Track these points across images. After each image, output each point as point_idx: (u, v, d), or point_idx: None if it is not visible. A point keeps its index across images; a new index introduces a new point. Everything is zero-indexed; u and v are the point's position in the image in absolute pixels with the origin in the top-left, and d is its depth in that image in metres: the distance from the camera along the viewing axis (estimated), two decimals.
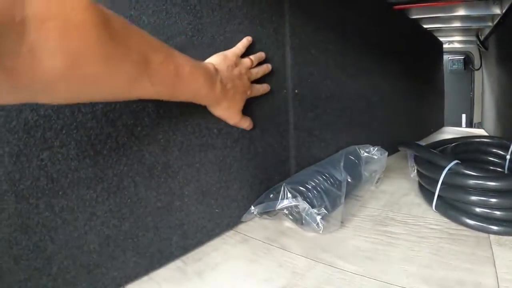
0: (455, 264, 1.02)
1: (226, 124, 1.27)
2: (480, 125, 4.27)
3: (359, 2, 2.02)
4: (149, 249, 1.06)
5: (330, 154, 1.69)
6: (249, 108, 1.33)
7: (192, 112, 1.16)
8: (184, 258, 1.14)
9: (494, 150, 1.71)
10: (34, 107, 0.83)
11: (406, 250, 1.13)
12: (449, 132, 3.44)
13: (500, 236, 1.17)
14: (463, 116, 5.01)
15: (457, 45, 4.45)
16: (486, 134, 3.28)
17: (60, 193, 0.88)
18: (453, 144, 1.73)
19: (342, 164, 1.48)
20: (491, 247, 1.10)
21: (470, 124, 4.82)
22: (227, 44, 1.27)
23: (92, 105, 0.92)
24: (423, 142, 2.10)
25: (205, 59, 1.18)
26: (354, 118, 1.93)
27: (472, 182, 1.25)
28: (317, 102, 1.65)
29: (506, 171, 1.62)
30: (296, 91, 1.54)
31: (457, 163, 1.35)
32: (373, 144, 1.73)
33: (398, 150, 2.14)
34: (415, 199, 1.56)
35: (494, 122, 3.18)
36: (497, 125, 3.01)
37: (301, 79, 1.57)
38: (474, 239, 1.16)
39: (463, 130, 3.86)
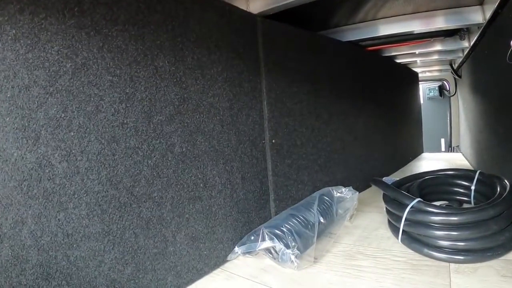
0: None
1: (209, 177, 1.57)
2: (458, 149, 4.59)
3: (331, 50, 2.33)
4: None
5: (307, 194, 1.97)
6: (229, 158, 1.64)
7: (183, 170, 1.48)
8: None
9: (460, 181, 1.97)
10: (51, 177, 1.15)
11: (372, 282, 1.38)
12: (427, 159, 3.74)
13: (460, 265, 1.40)
14: (442, 140, 5.39)
15: (433, 73, 4.83)
16: (463, 158, 3.56)
17: (74, 245, 1.18)
18: (420, 180, 1.98)
19: (315, 206, 1.76)
20: (450, 276, 1.34)
21: (449, 147, 5.18)
22: (210, 109, 1.59)
23: (98, 172, 1.24)
24: (401, 174, 2.38)
25: (191, 124, 1.50)
26: (329, 159, 2.21)
27: (432, 218, 1.51)
28: (293, 149, 1.95)
29: (472, 201, 1.88)
30: (273, 141, 1.84)
31: (419, 201, 1.61)
32: (349, 181, 2.03)
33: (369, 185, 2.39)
34: (386, 232, 1.82)
35: (469, 146, 3.44)
36: (471, 149, 3.27)
37: (278, 130, 1.87)
38: (435, 269, 1.40)
39: (441, 156, 4.14)
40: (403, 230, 1.64)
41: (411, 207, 1.61)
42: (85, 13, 1.20)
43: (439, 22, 2.37)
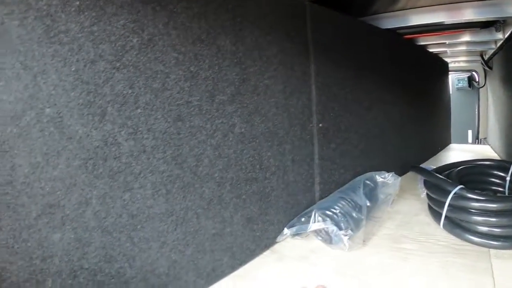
0: (459, 273, 1.17)
1: (264, 158, 1.41)
2: (485, 141, 4.24)
3: (373, 37, 2.15)
4: (205, 270, 1.20)
5: (348, 179, 1.81)
6: (282, 141, 1.48)
7: (241, 151, 1.31)
8: (232, 275, 1.28)
9: (495, 172, 1.81)
10: (117, 156, 0.97)
11: (419, 264, 1.27)
12: (455, 149, 3.47)
13: (498, 250, 1.30)
14: (469, 132, 4.95)
15: (462, 64, 4.39)
16: (491, 151, 3.30)
17: (139, 227, 1.02)
18: (458, 169, 1.82)
19: (361, 189, 1.61)
20: (490, 260, 1.24)
21: (476, 139, 4.71)
22: (266, 91, 1.42)
23: (164, 151, 1.07)
24: (431, 163, 2.22)
25: (249, 105, 1.33)
26: (369, 145, 2.05)
27: (474, 204, 1.38)
28: (337, 133, 1.78)
29: (506, 191, 1.73)
30: (320, 124, 1.67)
31: (461, 187, 1.47)
32: (385, 167, 1.86)
33: (408, 171, 2.23)
34: (425, 218, 1.67)
35: (498, 138, 3.21)
36: (500, 142, 3.05)
37: (324, 114, 1.70)
38: (476, 253, 1.30)
39: (469, 147, 3.82)
40: (445, 216, 1.50)
41: (454, 194, 1.47)
42: None
43: (473, 14, 2.15)
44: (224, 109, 1.24)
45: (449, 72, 4.05)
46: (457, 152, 3.27)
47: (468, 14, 2.12)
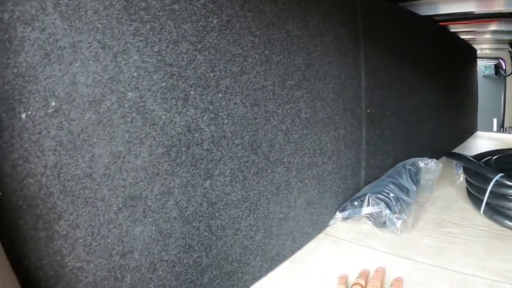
0: (504, 258, 1.06)
1: (323, 143, 1.26)
2: (510, 130, 3.98)
3: (413, 25, 1.96)
4: (270, 254, 1.06)
5: (390, 164, 1.65)
6: (337, 126, 1.32)
7: (306, 136, 1.16)
8: (292, 258, 1.14)
9: None
10: (200, 142, 0.80)
11: (465, 247, 1.16)
12: (482, 137, 3.21)
13: None
14: (495, 120, 4.50)
15: (490, 51, 4.01)
16: None
17: (217, 214, 0.88)
18: (495, 157, 1.66)
19: (407, 174, 1.44)
20: None
21: (501, 127, 4.32)
22: (326, 76, 1.25)
23: (242, 136, 0.92)
24: (461, 150, 2.06)
25: (313, 90, 1.17)
26: (408, 131, 1.88)
27: None
28: (382, 119, 1.62)
29: None
30: (368, 110, 1.50)
31: (502, 175, 1.32)
32: (422, 153, 1.71)
33: (441, 156, 2.06)
34: (464, 204, 1.52)
35: None
36: None
37: (372, 100, 1.53)
38: None
39: (496, 136, 3.50)
40: (486, 202, 1.35)
41: (495, 181, 1.31)
42: None
43: (504, 5, 1.94)
44: (292, 94, 1.08)
45: (477, 59, 3.72)
46: (484, 140, 3.03)
47: (498, 5, 1.94)
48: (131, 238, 0.72)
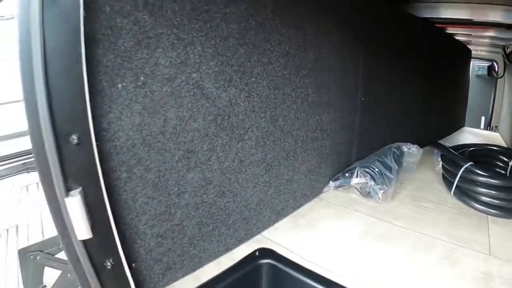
0: (464, 229, 1.37)
1: (324, 123, 1.56)
2: (496, 129, 4.07)
3: (409, 25, 2.22)
4: (277, 208, 1.37)
5: (377, 146, 1.94)
6: (336, 109, 1.62)
7: (310, 115, 1.46)
8: (293, 215, 1.46)
9: (501, 156, 1.95)
10: (237, 114, 1.10)
11: (434, 217, 1.47)
12: (468, 132, 3.50)
13: (495, 217, 1.47)
14: (483, 118, 4.76)
15: (484, 52, 4.12)
16: (500, 139, 3.29)
17: (243, 170, 1.18)
18: (471, 149, 1.96)
19: (391, 156, 1.75)
20: (488, 224, 1.42)
21: (488, 126, 4.56)
22: (330, 68, 1.55)
23: (265, 111, 1.22)
24: (446, 142, 2.34)
25: (319, 79, 1.47)
26: (397, 119, 2.19)
27: (480, 178, 1.54)
28: (373, 107, 1.91)
29: (508, 173, 1.85)
30: (362, 98, 1.80)
31: (471, 164, 1.61)
32: (408, 140, 1.98)
33: (425, 146, 2.26)
34: (439, 186, 1.83)
35: (508, 128, 3.21)
36: (509, 132, 3.08)
37: (366, 89, 1.82)
38: (478, 217, 1.47)
39: (481, 132, 3.76)
40: (456, 185, 1.65)
41: (465, 168, 1.60)
42: None
43: (501, 17, 2.13)
44: (303, 81, 1.37)
45: (471, 59, 3.97)
46: (470, 136, 3.33)
47: (495, 16, 2.14)
48: (185, 182, 1.01)
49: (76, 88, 0.69)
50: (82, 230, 0.71)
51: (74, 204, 0.69)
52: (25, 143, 3.09)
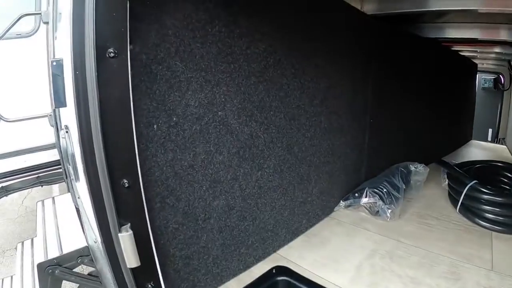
0: (468, 245, 1.46)
1: (335, 147, 1.66)
2: (503, 141, 4.11)
3: (416, 46, 2.31)
4: (292, 228, 1.48)
5: (386, 165, 2.04)
6: (346, 133, 1.72)
7: (323, 141, 1.57)
8: (306, 233, 1.57)
9: (505, 173, 2.03)
10: (257, 145, 1.22)
11: (439, 234, 1.56)
12: (475, 146, 3.53)
13: (499, 234, 1.55)
14: (490, 130, 4.77)
15: (490, 65, 4.20)
16: (507, 152, 3.29)
17: (262, 195, 1.31)
18: (476, 166, 2.05)
19: (399, 175, 1.86)
20: (491, 240, 1.50)
21: (495, 138, 4.59)
22: (341, 94, 1.66)
23: (282, 141, 1.34)
24: (453, 157, 2.42)
25: (330, 106, 1.58)
26: (405, 138, 2.27)
27: (484, 196, 1.63)
28: (382, 128, 2.02)
29: None
30: (371, 120, 1.90)
31: (475, 182, 1.70)
32: (415, 157, 2.07)
33: (432, 162, 2.38)
34: (444, 203, 1.92)
35: None
36: None
37: (375, 111, 1.93)
38: (481, 233, 1.56)
39: (488, 146, 3.80)
40: (461, 202, 1.73)
41: (470, 186, 1.69)
42: None
43: (508, 35, 2.24)
44: (316, 110, 1.49)
45: (477, 72, 4.00)
46: (477, 149, 3.38)
47: (501, 35, 2.24)
48: (211, 208, 1.13)
49: (127, 139, 0.81)
50: (131, 259, 0.83)
51: (126, 239, 0.81)
52: (39, 158, 3.23)
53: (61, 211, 2.50)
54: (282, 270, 1.29)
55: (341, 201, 1.78)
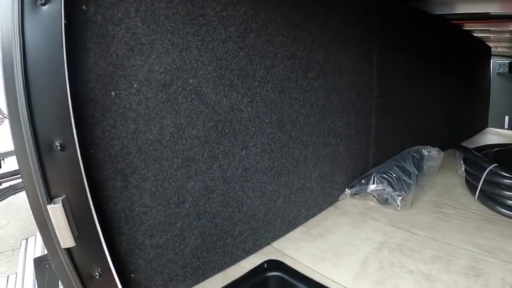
0: (490, 236, 1.27)
1: (336, 127, 1.49)
2: None
3: (425, 23, 2.15)
4: (288, 218, 1.31)
5: (396, 150, 1.87)
6: (349, 113, 1.56)
7: (321, 120, 1.40)
8: (305, 224, 1.40)
9: None
10: (239, 119, 1.06)
11: (456, 225, 1.37)
12: (492, 133, 3.36)
13: None
14: (506, 117, 4.55)
15: (505, 49, 3.93)
16: None
17: (249, 178, 1.13)
18: (495, 149, 1.88)
19: (410, 160, 1.68)
20: None
21: None
22: (341, 69, 1.49)
23: (271, 117, 1.17)
24: (469, 144, 2.25)
25: (329, 82, 1.41)
26: (415, 121, 2.09)
27: (506, 181, 1.45)
28: (390, 110, 1.84)
29: None
30: (378, 101, 1.72)
31: (495, 165, 1.52)
32: (427, 143, 1.90)
33: (447, 148, 2.21)
34: (462, 190, 1.73)
35: None
36: None
37: (382, 92, 1.75)
38: (504, 223, 1.38)
39: (505, 133, 3.56)
40: (480, 189, 1.56)
41: (489, 170, 1.52)
42: None
43: None
44: (312, 84, 1.32)
45: (491, 56, 3.77)
46: (493, 137, 3.18)
47: None
48: (185, 191, 0.98)
49: (58, 95, 0.67)
50: (65, 238, 0.70)
51: (57, 212, 0.68)
52: None
53: None
54: (274, 264, 1.12)
55: (346, 189, 1.60)
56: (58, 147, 0.68)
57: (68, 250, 0.72)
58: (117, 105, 0.83)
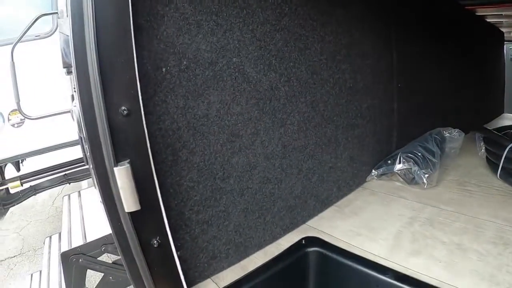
0: None
1: (363, 109, 1.52)
2: None
3: (441, 8, 2.16)
4: (321, 197, 1.35)
5: (418, 133, 1.86)
6: (373, 96, 1.58)
7: (349, 101, 1.43)
8: (337, 204, 1.44)
9: None
10: (278, 98, 1.09)
11: (481, 201, 1.41)
12: (508, 119, 3.29)
13: None
14: None
15: None
16: None
17: (287, 155, 1.17)
18: None
19: (433, 141, 1.70)
20: None
21: None
22: (364, 54, 1.52)
23: (305, 96, 1.21)
24: (488, 127, 2.26)
25: (354, 64, 1.44)
26: (434, 105, 2.11)
27: None
28: (411, 93, 1.86)
29: None
30: (399, 85, 1.75)
31: None
32: (448, 126, 1.92)
33: (466, 133, 2.20)
34: (484, 171, 1.75)
35: None
36: None
37: (402, 75, 1.77)
38: None
39: None
40: (502, 167, 1.57)
41: (510, 148, 1.53)
42: None
43: None
44: (340, 67, 1.35)
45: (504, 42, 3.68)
46: (510, 122, 3.08)
47: None
48: (230, 166, 1.02)
49: (126, 59, 0.72)
50: (130, 201, 0.72)
51: (123, 174, 0.70)
52: (65, 155, 3.23)
53: (87, 203, 2.47)
54: (312, 240, 1.16)
55: (373, 170, 1.63)
56: (125, 111, 0.71)
57: (130, 215, 0.75)
58: (168, 81, 0.88)
